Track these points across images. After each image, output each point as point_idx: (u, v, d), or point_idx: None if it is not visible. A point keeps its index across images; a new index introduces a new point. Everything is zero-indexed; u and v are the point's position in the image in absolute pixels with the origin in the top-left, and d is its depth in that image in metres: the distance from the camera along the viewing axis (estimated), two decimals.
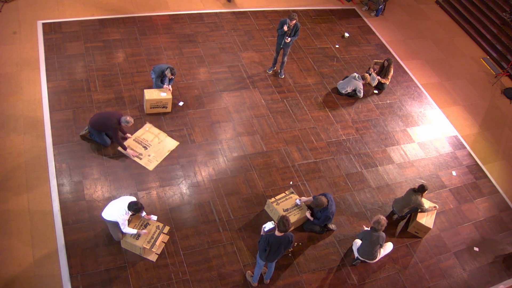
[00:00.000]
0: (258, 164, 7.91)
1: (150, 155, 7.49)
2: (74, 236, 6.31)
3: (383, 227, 6.28)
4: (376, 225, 6.27)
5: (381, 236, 6.39)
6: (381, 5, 12.44)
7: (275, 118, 8.81)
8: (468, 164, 9.14)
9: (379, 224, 6.25)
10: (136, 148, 7.54)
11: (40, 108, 7.81)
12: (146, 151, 7.55)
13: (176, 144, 7.76)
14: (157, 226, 6.36)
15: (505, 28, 12.46)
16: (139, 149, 7.54)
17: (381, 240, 6.41)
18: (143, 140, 7.69)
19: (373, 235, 6.37)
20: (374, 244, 6.43)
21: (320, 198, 6.51)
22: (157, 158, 7.49)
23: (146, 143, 7.66)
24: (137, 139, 7.69)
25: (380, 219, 6.26)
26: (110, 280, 5.97)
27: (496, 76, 11.76)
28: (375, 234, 6.35)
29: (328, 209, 6.61)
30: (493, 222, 8.24)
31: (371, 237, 6.39)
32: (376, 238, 6.37)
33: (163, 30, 10.03)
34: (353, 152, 8.63)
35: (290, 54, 10.09)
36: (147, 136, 7.76)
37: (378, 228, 6.28)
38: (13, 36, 8.97)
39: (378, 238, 6.37)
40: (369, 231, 6.44)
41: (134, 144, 7.61)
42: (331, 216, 6.72)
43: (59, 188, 6.79)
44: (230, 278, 6.35)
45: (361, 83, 9.47)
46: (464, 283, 7.21)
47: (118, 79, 8.65)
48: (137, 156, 7.43)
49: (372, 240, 6.39)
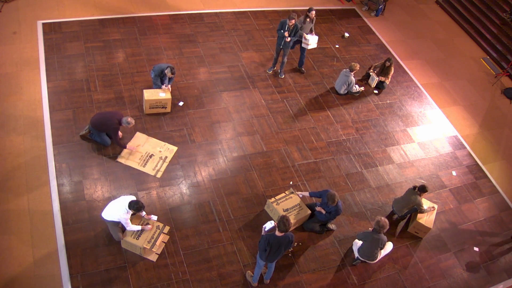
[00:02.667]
0: (258, 164, 7.91)
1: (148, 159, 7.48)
2: (74, 236, 6.31)
3: (384, 229, 6.24)
4: (377, 226, 6.25)
5: (382, 239, 6.36)
6: (381, 5, 12.44)
7: (275, 118, 8.81)
8: (468, 164, 9.14)
9: (379, 226, 6.23)
10: (135, 158, 7.47)
11: (40, 108, 7.81)
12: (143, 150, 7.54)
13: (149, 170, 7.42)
14: (157, 226, 6.36)
15: (505, 28, 12.46)
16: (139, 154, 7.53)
17: (381, 243, 6.38)
18: (149, 156, 7.60)
19: (373, 237, 6.35)
20: (374, 246, 6.42)
21: (332, 193, 6.53)
22: (140, 167, 7.41)
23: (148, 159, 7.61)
24: (153, 153, 7.62)
25: (381, 220, 6.23)
26: (110, 280, 5.97)
27: (496, 76, 11.76)
28: (375, 236, 6.33)
29: (339, 203, 6.67)
30: (493, 222, 8.24)
31: (372, 238, 6.37)
32: (376, 240, 6.35)
33: (163, 30, 10.03)
34: (353, 152, 8.63)
35: (290, 54, 10.09)
36: (162, 153, 7.68)
37: (378, 230, 6.26)
38: (13, 36, 8.97)
39: (378, 241, 6.35)
40: (370, 233, 6.42)
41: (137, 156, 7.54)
42: (341, 211, 6.76)
43: (59, 188, 6.79)
44: (230, 278, 6.35)
45: (352, 76, 9.35)
46: (464, 283, 7.21)
47: (118, 79, 8.65)
48: (134, 149, 7.41)
49: (373, 242, 6.38)
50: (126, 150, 7.43)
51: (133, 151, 7.44)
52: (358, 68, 9.42)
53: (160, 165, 7.42)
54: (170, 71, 8.00)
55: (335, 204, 6.57)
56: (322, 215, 6.87)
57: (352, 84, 9.43)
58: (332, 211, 6.72)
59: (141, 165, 7.34)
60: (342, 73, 9.45)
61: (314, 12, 9.24)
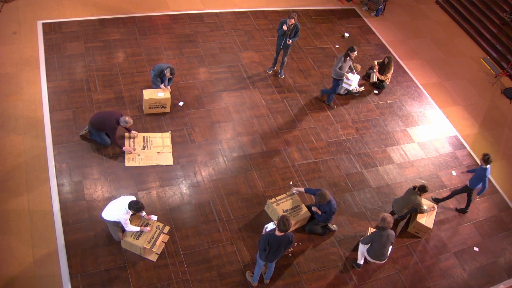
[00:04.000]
0: (258, 164, 7.91)
1: (140, 155, 7.46)
2: (74, 236, 6.31)
3: (391, 224, 6.14)
4: (382, 223, 6.14)
5: (391, 234, 6.26)
6: (381, 5, 12.44)
7: (275, 118, 8.81)
8: (468, 164, 9.14)
9: (385, 222, 6.11)
10: (137, 143, 7.54)
11: (40, 108, 7.81)
12: (142, 150, 7.53)
13: (169, 163, 7.47)
14: (157, 226, 6.36)
15: (505, 28, 12.46)
16: (138, 146, 7.53)
17: (391, 238, 6.27)
18: (150, 140, 7.68)
19: (382, 235, 6.24)
20: (386, 243, 6.31)
21: (323, 191, 6.51)
22: (140, 161, 7.41)
23: (149, 144, 7.63)
24: (146, 138, 7.68)
25: (385, 216, 6.13)
26: (110, 280, 5.97)
27: (496, 76, 11.76)
28: (384, 233, 6.23)
29: (331, 201, 6.64)
30: (493, 222, 8.24)
31: (381, 237, 6.25)
32: (386, 237, 6.24)
33: (163, 30, 10.03)
34: (353, 152, 8.63)
35: (290, 54, 10.09)
36: (156, 141, 7.73)
37: (385, 226, 6.14)
38: (13, 36, 8.97)
39: (389, 237, 6.26)
40: (377, 232, 6.30)
41: (140, 139, 7.62)
42: (335, 209, 6.73)
43: (59, 188, 6.79)
44: (230, 278, 6.36)
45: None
46: (464, 283, 7.21)
47: (118, 79, 8.65)
48: (130, 152, 7.41)
49: (383, 241, 6.26)
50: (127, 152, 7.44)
51: (130, 151, 7.43)
52: (359, 69, 9.45)
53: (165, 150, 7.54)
54: (170, 71, 8.00)
55: (326, 201, 6.55)
56: (320, 216, 6.87)
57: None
58: (327, 210, 6.71)
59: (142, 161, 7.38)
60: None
61: (356, 52, 8.55)
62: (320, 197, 6.51)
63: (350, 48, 8.48)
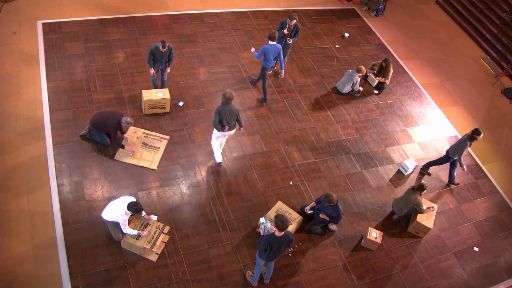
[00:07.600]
0: (258, 164, 7.91)
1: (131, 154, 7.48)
2: (74, 236, 6.31)
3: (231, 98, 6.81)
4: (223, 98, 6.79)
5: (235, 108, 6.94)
6: (381, 5, 12.44)
7: (275, 118, 8.81)
8: (468, 164, 9.14)
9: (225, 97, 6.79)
10: (138, 143, 7.55)
11: (40, 108, 7.81)
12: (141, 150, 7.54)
13: (152, 168, 7.37)
14: (157, 226, 6.36)
15: (505, 28, 12.46)
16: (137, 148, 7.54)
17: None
18: (150, 142, 7.68)
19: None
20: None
21: (330, 193, 6.53)
22: (136, 161, 7.40)
23: (151, 148, 7.64)
24: (146, 143, 7.66)
25: (226, 92, 6.79)
26: (110, 280, 5.97)
27: (496, 76, 11.76)
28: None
29: (338, 205, 6.66)
30: (493, 222, 8.24)
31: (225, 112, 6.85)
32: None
33: (163, 30, 10.03)
34: (353, 152, 8.63)
35: (290, 54, 10.09)
36: (155, 143, 7.72)
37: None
38: (13, 36, 8.97)
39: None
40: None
41: (141, 139, 7.64)
42: (342, 214, 6.77)
43: (59, 188, 6.79)
44: (230, 278, 6.36)
45: (357, 76, 9.40)
46: (464, 283, 7.21)
47: (118, 79, 8.66)
48: (131, 152, 7.40)
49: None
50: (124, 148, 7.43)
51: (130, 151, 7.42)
52: (365, 72, 9.55)
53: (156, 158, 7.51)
54: (162, 44, 7.60)
55: (334, 203, 6.56)
56: (326, 220, 6.87)
57: (357, 83, 9.51)
58: (334, 215, 6.71)
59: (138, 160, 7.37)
60: (348, 73, 9.46)
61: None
62: (326, 197, 6.52)
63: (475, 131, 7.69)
